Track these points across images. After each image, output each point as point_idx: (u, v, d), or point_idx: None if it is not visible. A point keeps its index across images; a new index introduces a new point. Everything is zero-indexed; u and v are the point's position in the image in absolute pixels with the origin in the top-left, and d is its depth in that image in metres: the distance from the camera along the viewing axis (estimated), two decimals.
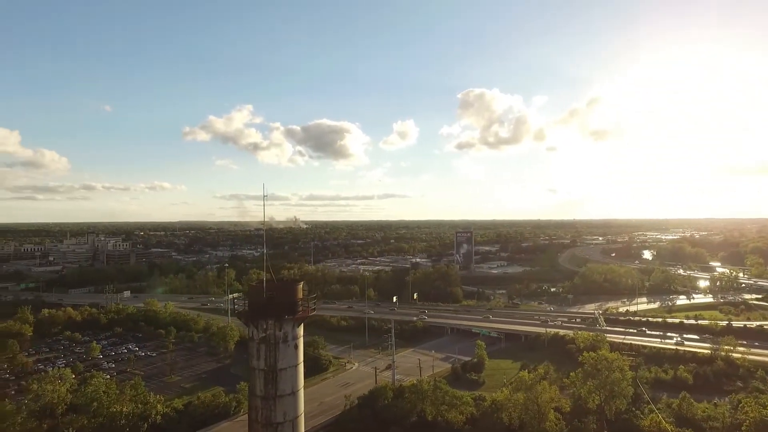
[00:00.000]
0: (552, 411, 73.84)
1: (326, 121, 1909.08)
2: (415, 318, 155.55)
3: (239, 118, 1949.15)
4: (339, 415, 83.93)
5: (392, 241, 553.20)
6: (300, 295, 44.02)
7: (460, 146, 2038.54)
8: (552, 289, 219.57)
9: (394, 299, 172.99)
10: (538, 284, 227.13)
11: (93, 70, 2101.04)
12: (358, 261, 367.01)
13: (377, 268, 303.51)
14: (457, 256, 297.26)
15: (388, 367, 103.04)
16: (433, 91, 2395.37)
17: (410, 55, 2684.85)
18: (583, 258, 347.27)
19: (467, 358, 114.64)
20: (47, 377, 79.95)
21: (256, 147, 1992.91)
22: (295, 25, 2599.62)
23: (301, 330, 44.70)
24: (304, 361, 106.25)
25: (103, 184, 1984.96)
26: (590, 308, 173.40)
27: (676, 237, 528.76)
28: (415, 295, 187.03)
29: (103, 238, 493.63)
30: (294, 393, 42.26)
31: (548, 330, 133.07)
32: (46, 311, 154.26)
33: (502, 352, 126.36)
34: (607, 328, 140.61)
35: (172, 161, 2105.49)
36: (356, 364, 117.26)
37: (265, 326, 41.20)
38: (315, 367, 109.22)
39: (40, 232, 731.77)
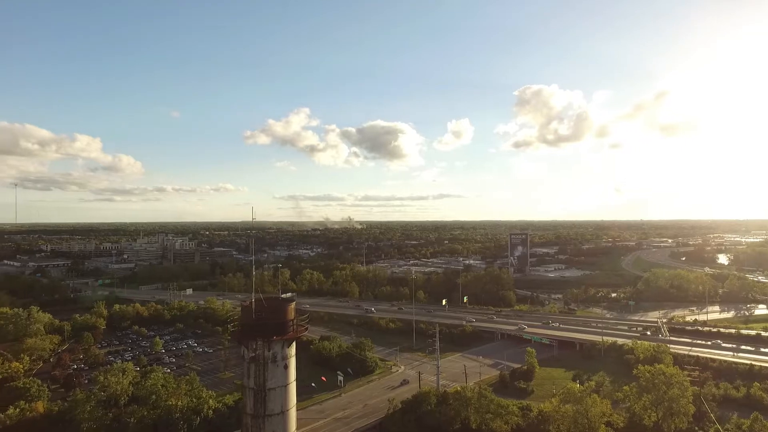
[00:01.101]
0: (603, 426, 70.12)
1: (380, 122, 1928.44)
2: (464, 322, 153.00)
3: (297, 121, 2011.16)
4: (382, 419, 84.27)
5: (446, 242, 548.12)
6: (290, 315, 44.38)
7: (517, 145, 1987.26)
8: (612, 295, 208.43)
9: (444, 302, 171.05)
10: (598, 289, 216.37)
11: (163, 79, 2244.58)
12: (411, 262, 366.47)
13: (429, 269, 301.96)
14: (512, 258, 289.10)
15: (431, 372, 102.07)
16: (488, 89, 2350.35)
17: (464, 53, 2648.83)
18: (649, 262, 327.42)
19: (516, 365, 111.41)
20: (112, 370, 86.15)
21: (313, 149, 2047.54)
22: (348, 29, 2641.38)
23: (292, 350, 45.15)
24: (351, 363, 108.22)
25: (173, 186, 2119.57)
26: (653, 316, 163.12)
27: (757, 240, 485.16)
28: (465, 299, 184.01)
29: (171, 238, 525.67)
30: (283, 412, 42.64)
31: (605, 338, 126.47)
32: (117, 306, 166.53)
33: (554, 360, 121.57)
34: (672, 338, 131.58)
35: (235, 164, 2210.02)
36: (402, 367, 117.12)
37: (254, 346, 42.01)
38: (361, 369, 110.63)
39: (117, 232, 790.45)
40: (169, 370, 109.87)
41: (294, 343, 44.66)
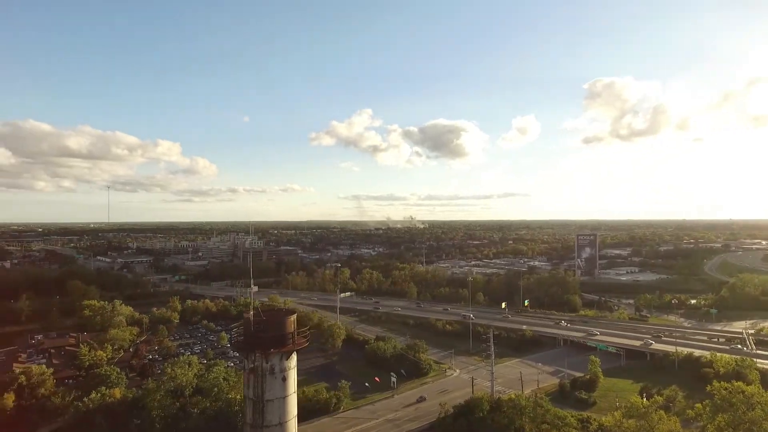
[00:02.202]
0: None
1: (442, 121, 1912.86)
2: (524, 326, 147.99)
3: (360, 122, 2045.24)
4: (433, 422, 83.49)
5: (510, 242, 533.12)
6: (290, 328, 44.83)
7: (587, 140, 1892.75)
8: (691, 302, 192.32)
9: (503, 305, 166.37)
10: (675, 295, 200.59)
11: (234, 86, 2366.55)
12: (472, 263, 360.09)
13: (491, 270, 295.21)
14: (578, 260, 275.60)
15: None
16: (555, 83, 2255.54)
17: (529, 47, 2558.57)
18: (737, 266, 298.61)
19: (578, 374, 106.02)
20: (179, 362, 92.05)
21: (375, 149, 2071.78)
22: (409, 29, 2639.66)
23: (291, 362, 45.48)
24: (405, 364, 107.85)
25: (244, 187, 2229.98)
26: (739, 327, 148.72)
27: None
28: (526, 302, 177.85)
29: (241, 236, 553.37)
30: (281, 424, 43.14)
31: (680, 349, 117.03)
32: (189, 302, 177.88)
33: (621, 370, 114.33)
34: (759, 351, 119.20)
35: (301, 165, 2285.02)
36: (457, 370, 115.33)
37: (253, 358, 42.92)
38: (415, 371, 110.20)
39: (194, 231, 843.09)
40: (232, 364, 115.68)
41: (294, 356, 45.21)
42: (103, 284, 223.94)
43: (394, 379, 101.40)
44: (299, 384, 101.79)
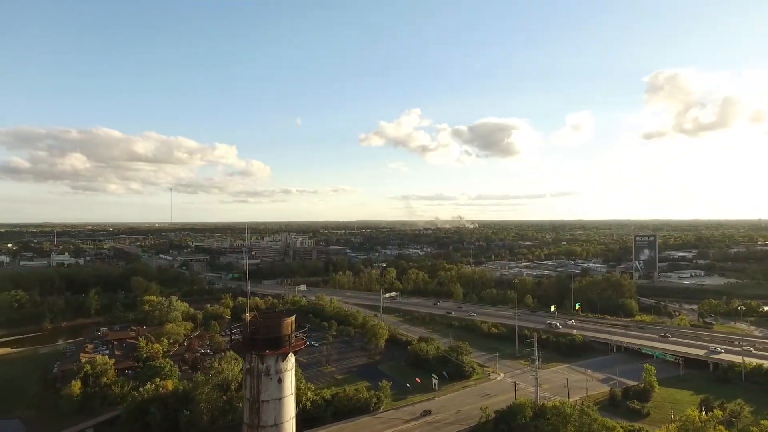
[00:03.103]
0: None
1: (493, 119, 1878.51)
2: (574, 330, 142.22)
3: (408, 122, 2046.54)
4: (474, 426, 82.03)
5: (563, 243, 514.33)
6: (286, 330, 45.01)
7: (648, 136, 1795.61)
8: (765, 308, 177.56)
9: (552, 308, 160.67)
10: (745, 301, 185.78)
11: (287, 90, 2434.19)
12: (522, 264, 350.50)
13: (543, 272, 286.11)
14: (636, 262, 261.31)
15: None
16: (612, 77, 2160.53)
17: (584, 39, 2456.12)
18: None
19: (632, 383, 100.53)
20: (225, 357, 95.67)
21: (424, 149, 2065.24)
22: (456, 26, 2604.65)
23: (288, 364, 45.52)
24: (447, 366, 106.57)
25: (296, 188, 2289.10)
26: None
27: None
28: (577, 306, 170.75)
29: (293, 236, 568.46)
30: (277, 425, 43.30)
31: (748, 360, 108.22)
32: (240, 299, 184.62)
33: (679, 380, 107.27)
34: None
35: (351, 165, 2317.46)
36: (501, 374, 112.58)
37: (250, 359, 43.35)
38: (457, 373, 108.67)
39: (250, 230, 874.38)
40: None
41: (291, 358, 45.28)
42: (163, 281, 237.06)
43: (435, 381, 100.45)
44: (339, 383, 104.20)
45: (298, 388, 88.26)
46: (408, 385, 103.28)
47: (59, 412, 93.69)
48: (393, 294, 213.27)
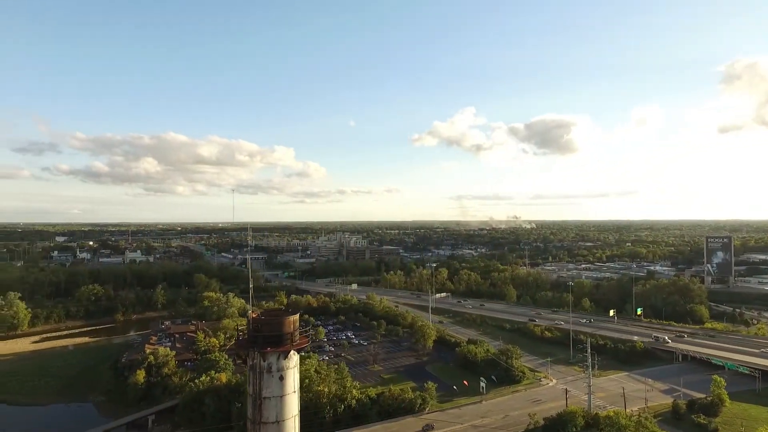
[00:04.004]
0: None
1: (550, 116, 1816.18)
2: (635, 337, 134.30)
3: (462, 121, 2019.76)
4: None
5: (628, 244, 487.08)
6: (288, 329, 44.83)
7: (724, 129, 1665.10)
8: None
9: (611, 313, 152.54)
10: None
11: (341, 92, 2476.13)
12: (582, 266, 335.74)
13: (605, 275, 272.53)
14: (708, 266, 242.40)
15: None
16: (681, 67, 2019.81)
17: (649, 27, 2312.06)
18: None
19: (699, 395, 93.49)
20: None
21: (479, 148, 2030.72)
22: (512, 24, 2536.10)
23: (289, 362, 45.23)
24: (496, 369, 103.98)
25: (351, 188, 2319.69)
26: None
27: None
28: (639, 311, 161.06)
29: (347, 236, 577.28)
30: (278, 422, 43.30)
31: None
32: (293, 297, 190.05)
33: (754, 395, 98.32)
34: None
35: (405, 165, 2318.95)
36: (554, 380, 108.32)
37: (252, 356, 43.79)
38: (506, 377, 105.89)
39: (306, 230, 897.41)
40: (326, 358, 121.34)
41: (293, 356, 45.11)
42: (223, 278, 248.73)
43: (483, 384, 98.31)
44: (386, 382, 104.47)
45: (344, 385, 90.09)
46: (455, 387, 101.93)
47: (126, 398, 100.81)
48: (444, 294, 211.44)
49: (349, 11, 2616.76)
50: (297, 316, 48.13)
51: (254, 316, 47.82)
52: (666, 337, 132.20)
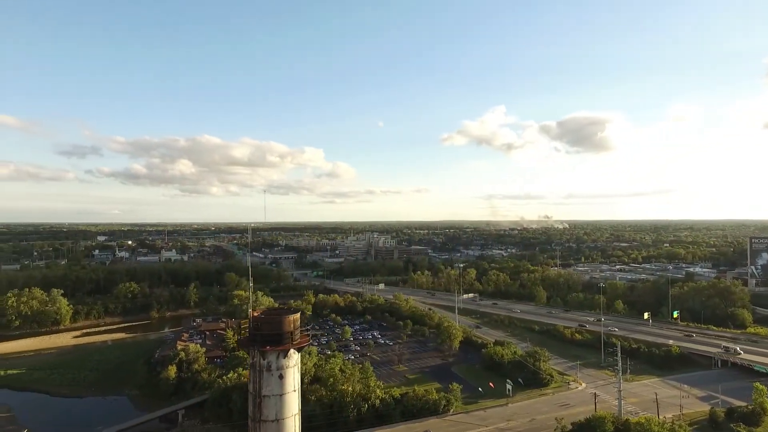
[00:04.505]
0: None
1: (583, 114, 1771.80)
2: (670, 341, 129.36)
3: (492, 120, 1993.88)
4: None
5: (665, 245, 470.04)
6: (288, 327, 44.95)
7: None
8: None
9: (646, 316, 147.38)
10: None
11: (369, 93, 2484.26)
12: (616, 267, 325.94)
13: (640, 276, 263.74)
14: (752, 268, 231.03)
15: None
16: (722, 60, 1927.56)
17: (687, 19, 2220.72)
18: None
19: (739, 403, 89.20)
20: None
21: (509, 147, 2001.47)
22: (542, 20, 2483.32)
23: (289, 361, 45.18)
24: (523, 372, 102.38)
25: (380, 188, 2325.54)
26: None
27: None
28: (676, 314, 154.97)
29: (375, 236, 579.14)
30: (278, 421, 43.22)
31: None
32: (320, 296, 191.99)
33: None
34: None
35: (434, 165, 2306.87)
36: (583, 384, 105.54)
37: (253, 354, 43.94)
38: (533, 381, 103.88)
39: (335, 230, 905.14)
40: (352, 357, 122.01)
41: (293, 354, 44.92)
42: (253, 277, 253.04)
43: (509, 387, 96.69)
44: (410, 382, 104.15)
45: (367, 385, 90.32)
46: (480, 389, 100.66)
47: (158, 392, 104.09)
48: (472, 295, 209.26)
49: (376, 10, 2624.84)
50: (297, 315, 48.38)
51: (256, 314, 48.35)
52: (738, 348, 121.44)
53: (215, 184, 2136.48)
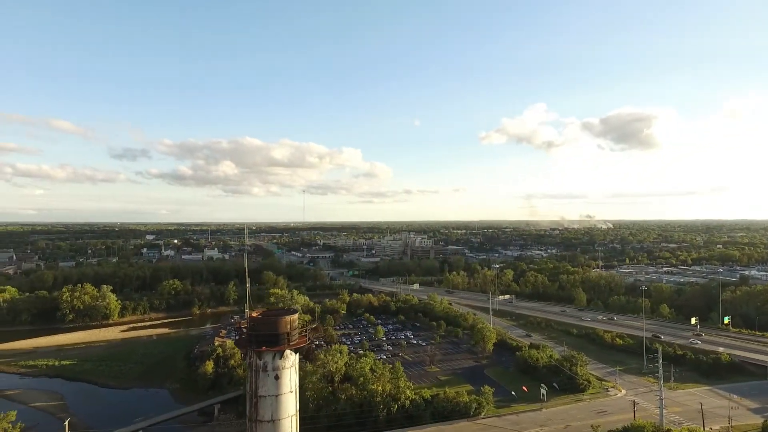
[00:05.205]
0: None
1: (629, 109, 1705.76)
2: (720, 348, 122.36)
3: (532, 118, 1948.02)
4: None
5: (718, 246, 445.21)
6: (284, 328, 44.52)
7: None
8: None
9: (693, 321, 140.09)
10: None
11: (405, 92, 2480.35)
12: (663, 269, 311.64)
13: (689, 279, 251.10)
14: None
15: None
16: None
17: (741, 7, 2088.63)
18: None
19: None
20: (331, 351, 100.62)
21: (550, 144, 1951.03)
22: (580, 16, 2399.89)
23: (286, 362, 44.78)
24: (558, 376, 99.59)
25: (418, 188, 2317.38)
26: None
27: None
28: (727, 320, 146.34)
29: (412, 236, 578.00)
30: (273, 421, 42.87)
31: None
32: (355, 295, 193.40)
33: None
34: None
35: (472, 164, 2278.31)
36: (623, 391, 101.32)
37: (250, 355, 43.77)
38: (569, 386, 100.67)
39: (372, 230, 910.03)
40: (384, 357, 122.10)
41: (290, 356, 44.47)
42: (290, 276, 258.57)
43: (544, 392, 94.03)
44: (442, 384, 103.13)
45: (397, 386, 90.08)
46: (513, 393, 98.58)
47: (197, 386, 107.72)
48: (508, 296, 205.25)
49: (410, 9, 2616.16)
50: (296, 316, 48.52)
51: (255, 315, 48.95)
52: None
53: (257, 184, 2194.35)
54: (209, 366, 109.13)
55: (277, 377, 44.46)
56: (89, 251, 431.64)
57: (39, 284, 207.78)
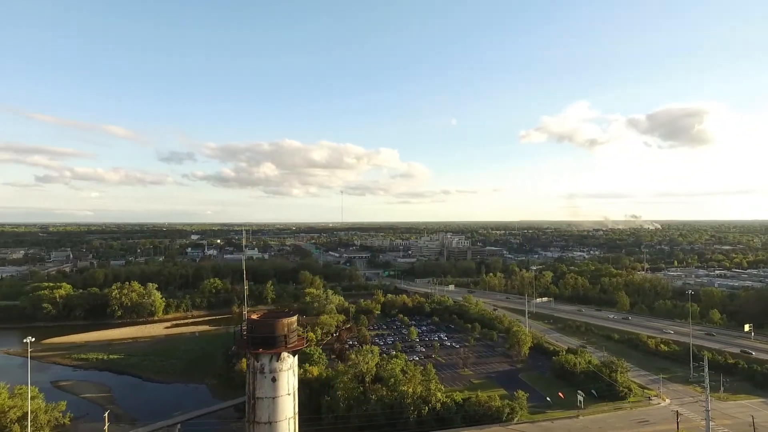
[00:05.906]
0: None
1: (677, 105, 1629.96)
2: None
3: (574, 115, 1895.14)
4: None
5: None
6: (281, 331, 44.33)
7: None
8: None
9: (747, 327, 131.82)
10: None
11: (440, 92, 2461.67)
12: (715, 272, 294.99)
13: (744, 283, 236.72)
14: None
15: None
16: None
17: None
18: None
19: None
20: (362, 351, 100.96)
21: (593, 143, 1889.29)
22: (624, 11, 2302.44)
23: (283, 364, 44.44)
24: (597, 383, 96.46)
25: (456, 188, 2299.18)
26: None
27: None
28: None
29: (449, 236, 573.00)
30: (271, 423, 42.76)
31: None
32: (389, 296, 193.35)
33: None
34: None
35: (512, 163, 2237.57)
36: (667, 400, 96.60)
37: (248, 356, 43.85)
38: (608, 393, 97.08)
39: (410, 230, 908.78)
40: (416, 358, 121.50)
41: (288, 358, 43.96)
42: (327, 276, 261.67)
43: (581, 398, 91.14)
44: (474, 387, 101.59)
45: (428, 388, 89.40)
46: (549, 399, 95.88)
47: (233, 383, 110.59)
48: (545, 299, 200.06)
49: (449, 8, 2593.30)
50: (294, 319, 48.55)
51: (254, 317, 49.45)
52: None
53: (296, 185, 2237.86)
54: (244, 363, 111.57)
55: (274, 379, 44.52)
56: (138, 250, 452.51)
57: (91, 281, 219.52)
